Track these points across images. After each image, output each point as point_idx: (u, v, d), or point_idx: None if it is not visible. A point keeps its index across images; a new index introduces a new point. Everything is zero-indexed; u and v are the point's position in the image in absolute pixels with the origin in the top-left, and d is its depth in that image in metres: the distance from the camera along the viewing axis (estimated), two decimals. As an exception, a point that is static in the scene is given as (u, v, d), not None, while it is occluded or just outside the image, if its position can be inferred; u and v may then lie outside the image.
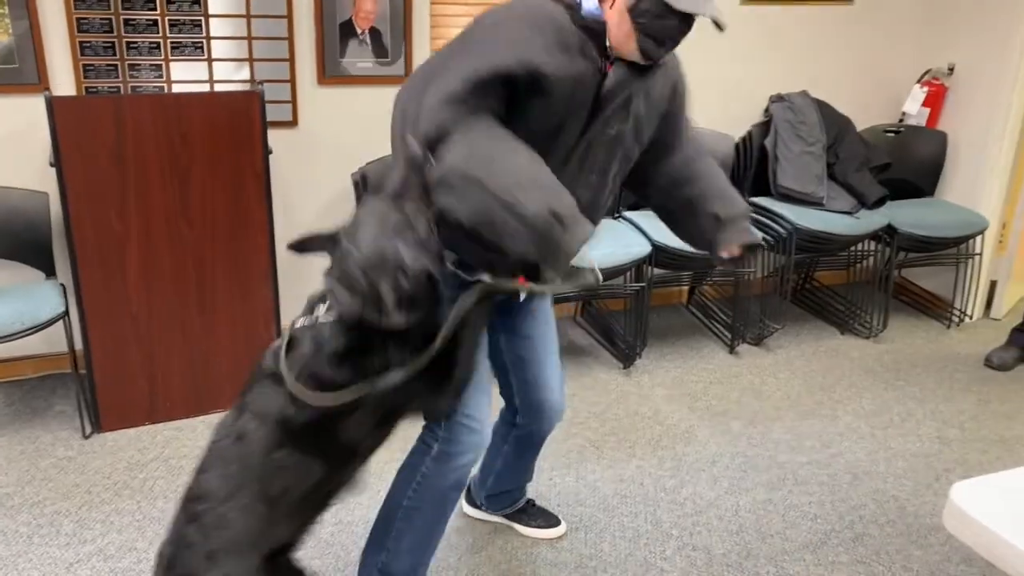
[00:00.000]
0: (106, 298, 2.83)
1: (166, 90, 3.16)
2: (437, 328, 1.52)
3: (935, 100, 4.11)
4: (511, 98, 1.60)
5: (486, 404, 1.93)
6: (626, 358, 3.59)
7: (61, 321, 2.85)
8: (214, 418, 3.04)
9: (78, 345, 2.93)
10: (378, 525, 2.00)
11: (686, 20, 1.63)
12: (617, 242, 3.36)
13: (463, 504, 2.57)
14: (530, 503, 2.51)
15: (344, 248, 1.48)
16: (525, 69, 1.57)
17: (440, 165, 1.50)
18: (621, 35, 1.64)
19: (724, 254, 1.88)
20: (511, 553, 2.42)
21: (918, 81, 4.15)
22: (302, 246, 1.55)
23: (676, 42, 1.67)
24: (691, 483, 2.78)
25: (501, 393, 2.22)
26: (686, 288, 4.25)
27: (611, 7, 1.63)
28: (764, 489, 2.75)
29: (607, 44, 1.66)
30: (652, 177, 1.94)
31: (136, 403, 2.97)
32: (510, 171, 1.49)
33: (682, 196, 1.94)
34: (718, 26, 1.60)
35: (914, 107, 4.15)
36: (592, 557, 2.41)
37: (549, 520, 2.52)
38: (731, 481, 2.79)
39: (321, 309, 1.56)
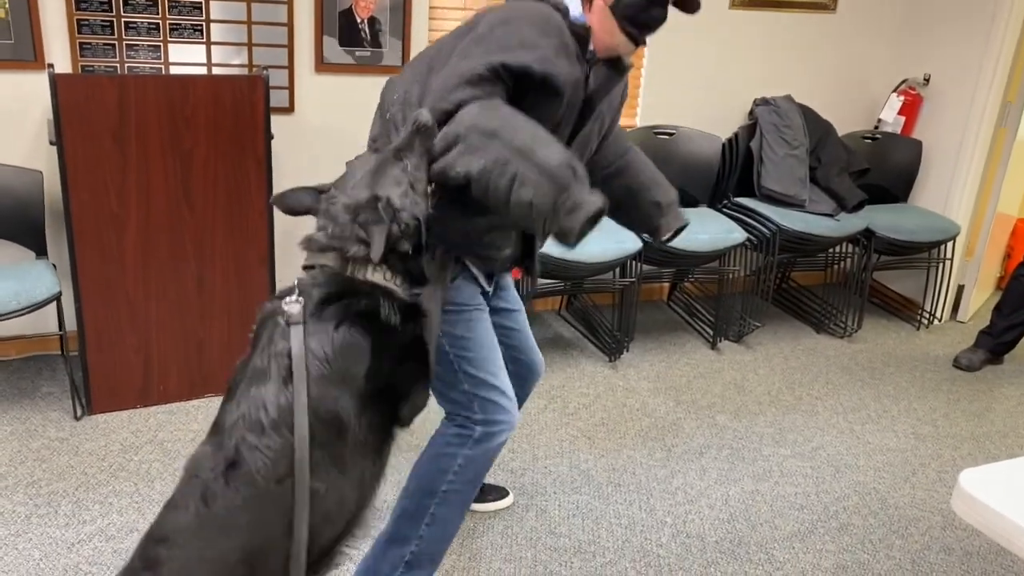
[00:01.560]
0: (103, 279, 2.81)
1: (163, 72, 3.14)
2: (421, 286, 1.53)
3: (911, 109, 4.25)
4: (519, 96, 1.66)
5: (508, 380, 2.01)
6: (612, 351, 3.66)
7: (54, 302, 2.82)
8: (209, 402, 3.05)
9: (69, 326, 2.90)
10: (402, 520, 1.99)
11: (665, 4, 1.77)
12: (609, 238, 3.42)
13: None
14: None
15: (331, 195, 1.47)
16: (542, 69, 1.64)
17: (455, 124, 1.53)
18: (605, 33, 1.75)
19: (664, 236, 2.12)
20: (512, 538, 2.47)
21: (895, 90, 4.29)
22: (286, 202, 1.52)
23: (658, 27, 1.80)
24: (681, 473, 2.85)
25: None
26: (667, 285, 4.34)
27: (590, 10, 1.76)
28: (751, 480, 2.84)
29: (590, 48, 1.78)
30: (593, 169, 2.03)
31: (129, 385, 2.95)
32: (528, 130, 1.52)
33: (621, 186, 2.10)
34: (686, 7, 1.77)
35: (890, 115, 4.28)
36: (591, 543, 2.47)
37: (499, 493, 2.61)
38: (719, 472, 2.87)
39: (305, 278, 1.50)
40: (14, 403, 2.98)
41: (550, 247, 2.69)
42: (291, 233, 3.43)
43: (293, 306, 1.45)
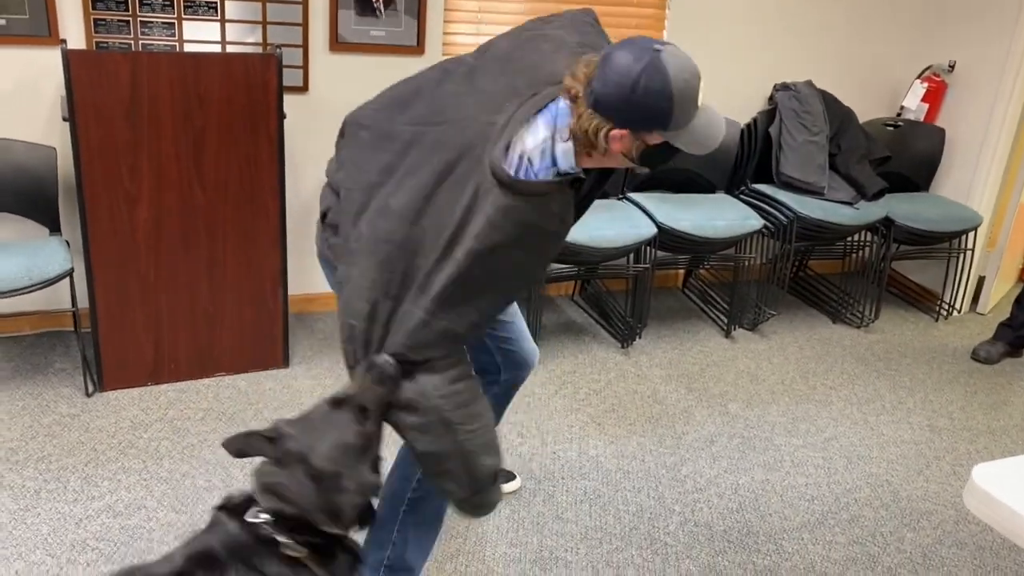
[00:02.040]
0: (114, 256, 2.81)
1: (177, 49, 3.12)
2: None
3: (935, 96, 4.17)
4: None
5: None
6: (624, 338, 3.63)
7: (66, 278, 2.83)
8: (218, 381, 3.06)
9: (81, 303, 2.91)
10: (377, 526, 1.95)
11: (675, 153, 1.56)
12: (623, 223, 3.39)
13: None
14: None
15: (287, 450, 1.43)
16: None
17: (420, 396, 1.51)
18: (611, 160, 1.52)
19: None
20: (518, 523, 2.46)
21: (919, 76, 4.21)
22: (236, 446, 1.47)
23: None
24: (691, 461, 2.83)
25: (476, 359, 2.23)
26: (682, 272, 4.30)
27: (603, 154, 1.49)
28: (762, 470, 2.81)
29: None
30: None
31: (139, 363, 2.96)
32: (481, 431, 1.56)
33: None
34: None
35: (913, 102, 4.21)
36: (597, 529, 2.46)
37: (507, 476, 2.60)
38: (730, 461, 2.85)
39: (254, 510, 1.44)
40: (27, 378, 2.99)
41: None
42: (303, 213, 3.43)
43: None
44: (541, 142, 1.48)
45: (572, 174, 1.53)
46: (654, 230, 3.39)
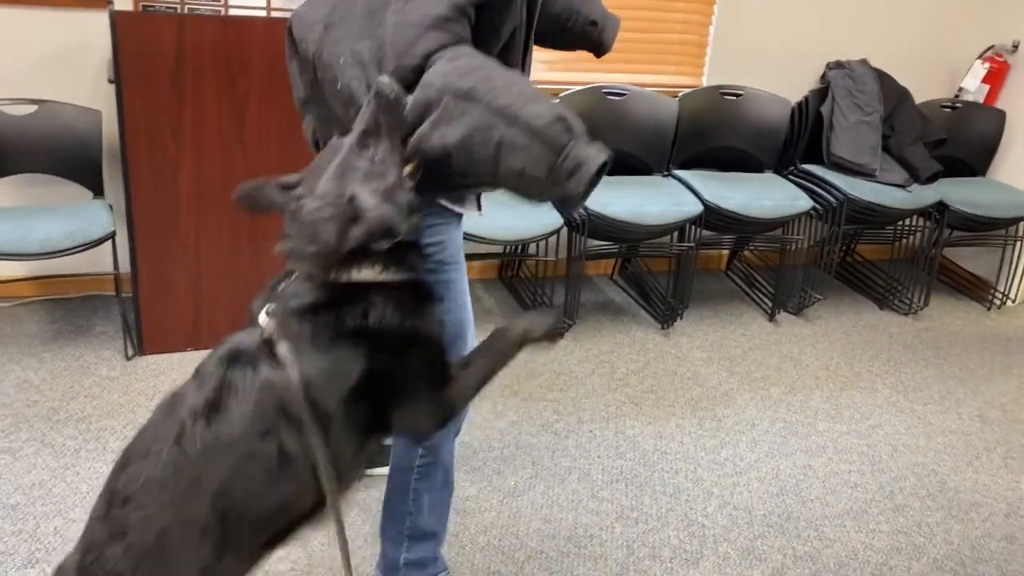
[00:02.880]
0: (157, 221, 2.81)
1: (222, 13, 3.11)
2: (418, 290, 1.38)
3: (996, 77, 4.02)
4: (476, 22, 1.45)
5: None
6: (665, 319, 3.57)
7: (108, 242, 2.84)
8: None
9: (123, 267, 2.93)
10: (390, 498, 1.92)
11: None
12: (668, 200, 3.32)
13: None
14: None
15: (299, 194, 1.33)
16: None
17: (425, 88, 1.34)
18: None
19: (608, 42, 1.88)
20: (553, 500, 2.42)
21: (980, 57, 4.06)
22: (251, 200, 1.39)
23: None
24: (731, 444, 2.77)
25: None
26: (726, 255, 4.22)
27: None
28: (804, 455, 2.75)
29: None
30: None
31: (179, 328, 2.97)
32: (509, 84, 1.34)
33: (550, 15, 1.80)
34: None
35: (973, 83, 4.06)
36: (633, 509, 2.42)
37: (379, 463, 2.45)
38: (771, 445, 2.78)
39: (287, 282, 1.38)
40: (69, 340, 3.02)
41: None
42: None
43: (268, 323, 1.33)
44: None
45: None
46: (700, 208, 3.32)
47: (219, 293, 2.98)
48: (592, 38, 1.86)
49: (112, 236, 2.82)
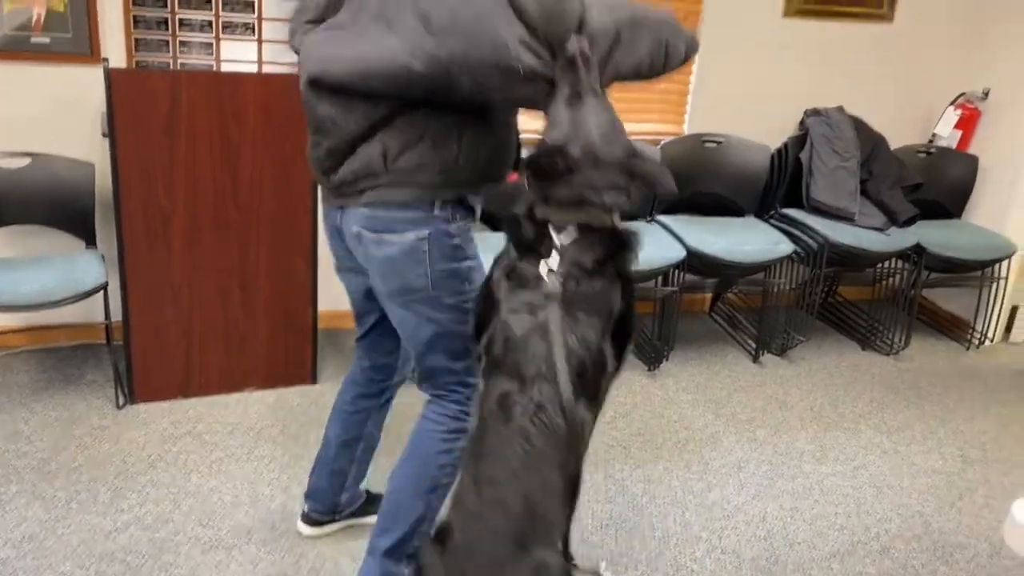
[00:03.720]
0: (149, 271, 2.85)
1: (215, 68, 3.18)
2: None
3: (968, 123, 4.14)
4: None
5: None
6: (651, 361, 3.62)
7: (100, 291, 2.87)
8: (246, 396, 3.08)
9: (115, 316, 2.95)
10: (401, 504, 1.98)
11: None
12: (653, 246, 3.38)
13: (303, 530, 2.39)
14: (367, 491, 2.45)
15: (578, 156, 1.51)
16: None
17: (600, 27, 1.56)
18: None
19: None
20: (543, 546, 2.44)
21: (952, 103, 4.19)
22: (500, 200, 1.63)
23: None
24: (718, 487, 2.80)
25: (372, 354, 2.21)
26: (709, 296, 4.28)
27: None
28: (790, 497, 2.78)
29: None
30: None
31: (171, 376, 2.99)
32: (635, 6, 1.63)
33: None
34: None
35: (946, 129, 4.18)
36: (623, 554, 2.44)
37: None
38: (758, 488, 2.82)
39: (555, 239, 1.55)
40: (59, 389, 3.03)
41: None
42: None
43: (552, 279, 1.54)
44: None
45: None
46: (683, 253, 3.39)
47: (209, 342, 3.00)
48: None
49: (104, 287, 2.85)
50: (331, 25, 1.73)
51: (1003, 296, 4.07)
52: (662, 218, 3.68)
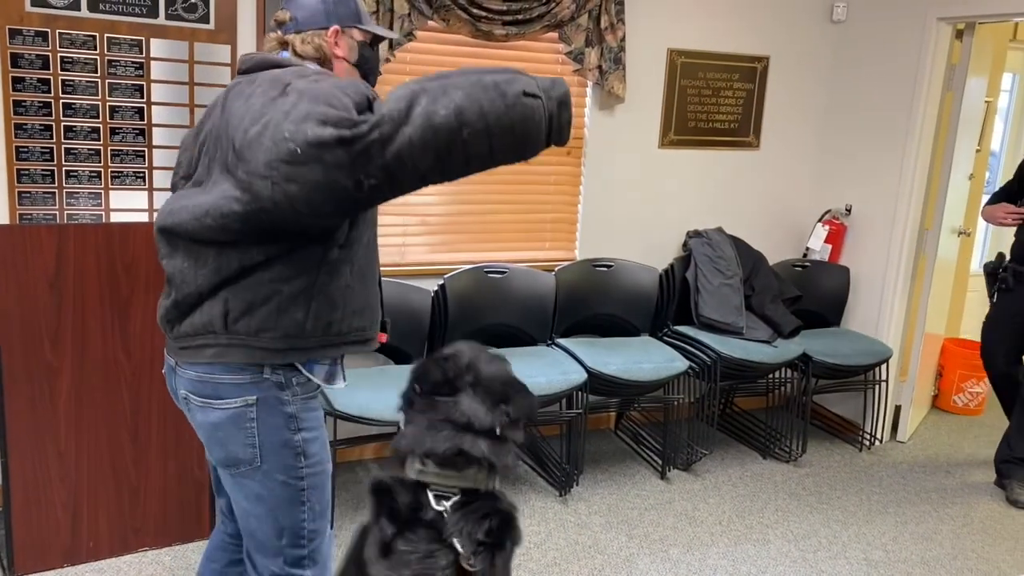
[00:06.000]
0: (32, 433, 2.70)
1: (104, 218, 3.13)
2: None
3: (836, 237, 4.45)
4: None
5: None
6: (562, 485, 3.61)
7: (-22, 456, 2.70)
8: (140, 557, 2.90)
9: (-6, 482, 2.77)
10: None
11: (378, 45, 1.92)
12: (554, 369, 3.44)
13: None
14: None
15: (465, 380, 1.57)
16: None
17: (395, 105, 1.47)
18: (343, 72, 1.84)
19: None
20: None
21: (820, 220, 4.51)
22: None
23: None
24: (636, 614, 2.78)
25: (232, 519, 2.05)
26: (614, 413, 4.35)
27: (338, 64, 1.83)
28: (708, 617, 2.78)
29: None
30: None
31: (56, 544, 2.80)
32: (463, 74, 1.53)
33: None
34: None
35: (817, 243, 4.48)
36: None
37: None
38: (675, 610, 2.81)
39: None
40: (-72, 568, 2.79)
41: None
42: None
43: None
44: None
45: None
46: (584, 375, 3.45)
47: (99, 502, 2.84)
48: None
49: (-18, 451, 2.68)
50: (194, 182, 1.77)
51: (886, 397, 4.29)
52: (562, 341, 3.76)
